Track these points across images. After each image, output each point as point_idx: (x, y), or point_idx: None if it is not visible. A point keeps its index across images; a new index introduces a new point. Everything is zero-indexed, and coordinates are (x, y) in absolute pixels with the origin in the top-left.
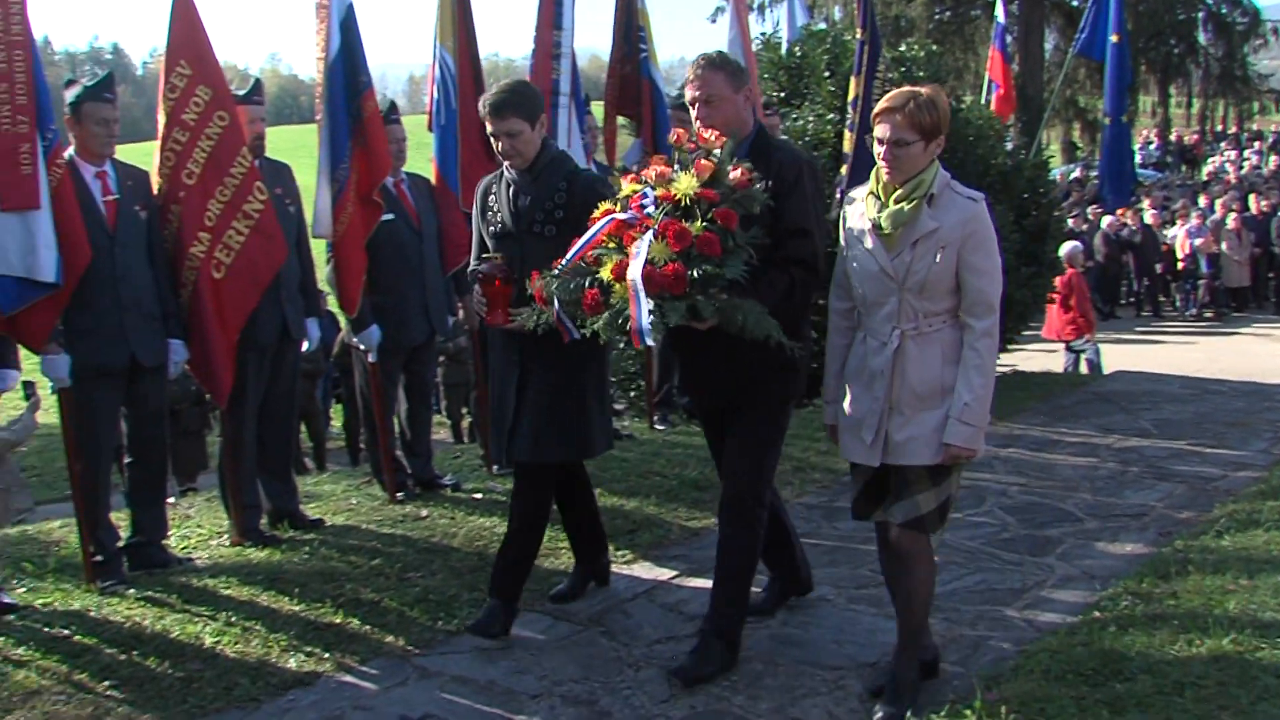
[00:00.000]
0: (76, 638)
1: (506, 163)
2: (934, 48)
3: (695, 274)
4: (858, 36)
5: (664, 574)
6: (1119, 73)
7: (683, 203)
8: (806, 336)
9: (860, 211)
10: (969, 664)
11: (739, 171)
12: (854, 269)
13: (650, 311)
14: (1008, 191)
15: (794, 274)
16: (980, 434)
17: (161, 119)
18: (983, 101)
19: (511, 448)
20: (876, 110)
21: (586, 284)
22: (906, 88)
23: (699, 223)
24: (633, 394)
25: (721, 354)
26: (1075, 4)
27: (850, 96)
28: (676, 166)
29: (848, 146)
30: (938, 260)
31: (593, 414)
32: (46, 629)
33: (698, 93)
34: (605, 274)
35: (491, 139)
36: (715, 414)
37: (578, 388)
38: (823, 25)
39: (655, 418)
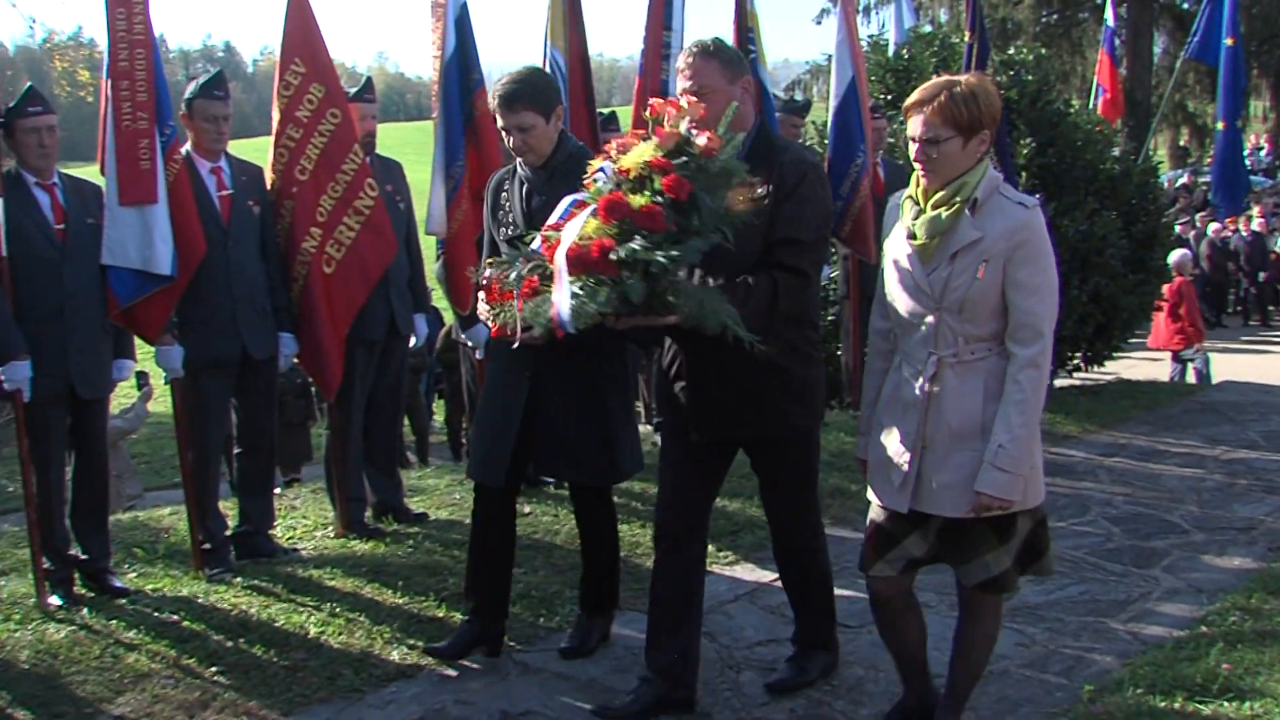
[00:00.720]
0: (185, 623)
1: (519, 159)
2: (1042, 51)
3: (623, 254)
4: (966, 39)
5: (766, 576)
6: (1233, 77)
7: (631, 174)
8: (812, 343)
9: (898, 218)
10: (1072, 675)
11: (705, 138)
12: (890, 284)
13: (573, 295)
14: (1116, 197)
15: (776, 276)
16: (1018, 481)
17: (275, 116)
18: (1089, 106)
19: (538, 468)
20: (906, 104)
21: (526, 271)
22: (943, 77)
23: (643, 195)
24: None
25: (733, 379)
26: (1185, 7)
27: None
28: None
29: None
30: (980, 276)
31: (620, 435)
32: (156, 614)
33: (688, 84)
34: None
35: (503, 134)
36: (706, 444)
37: (601, 407)
38: (929, 27)
39: None
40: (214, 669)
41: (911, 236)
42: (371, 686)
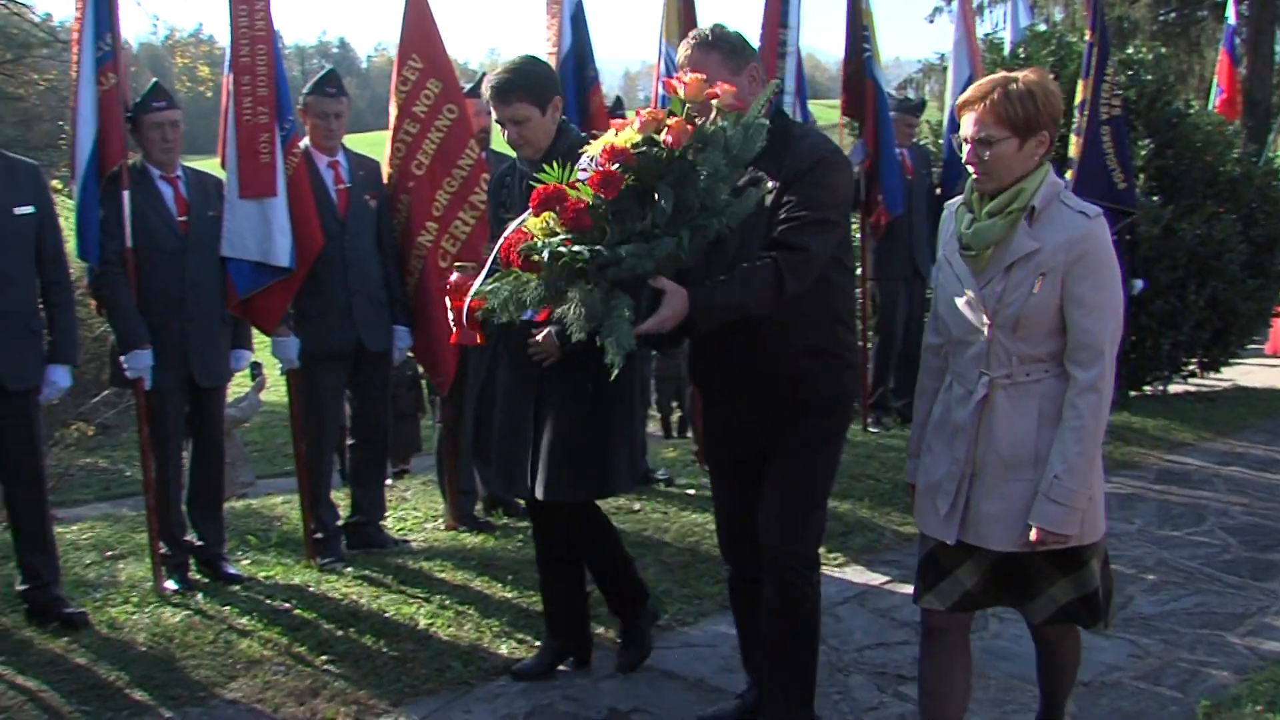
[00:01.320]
0: (296, 611)
1: (517, 154)
2: (1162, 50)
3: (522, 250)
4: (1086, 38)
5: (876, 579)
6: None
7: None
8: (844, 345)
9: (954, 226)
10: (1187, 690)
11: (673, 126)
12: (941, 297)
13: (483, 292)
14: (1236, 200)
15: (777, 255)
16: (1074, 515)
17: (393, 111)
18: (1208, 107)
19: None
20: (959, 101)
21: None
22: (999, 73)
23: (583, 190)
24: None
25: (752, 388)
26: None
27: (1077, 100)
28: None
29: (1073, 152)
30: (1035, 290)
31: (617, 448)
32: (268, 601)
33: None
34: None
35: (498, 126)
36: (736, 464)
37: (602, 419)
38: (1043, 26)
39: (869, 420)
40: (324, 658)
41: (964, 246)
42: (480, 680)
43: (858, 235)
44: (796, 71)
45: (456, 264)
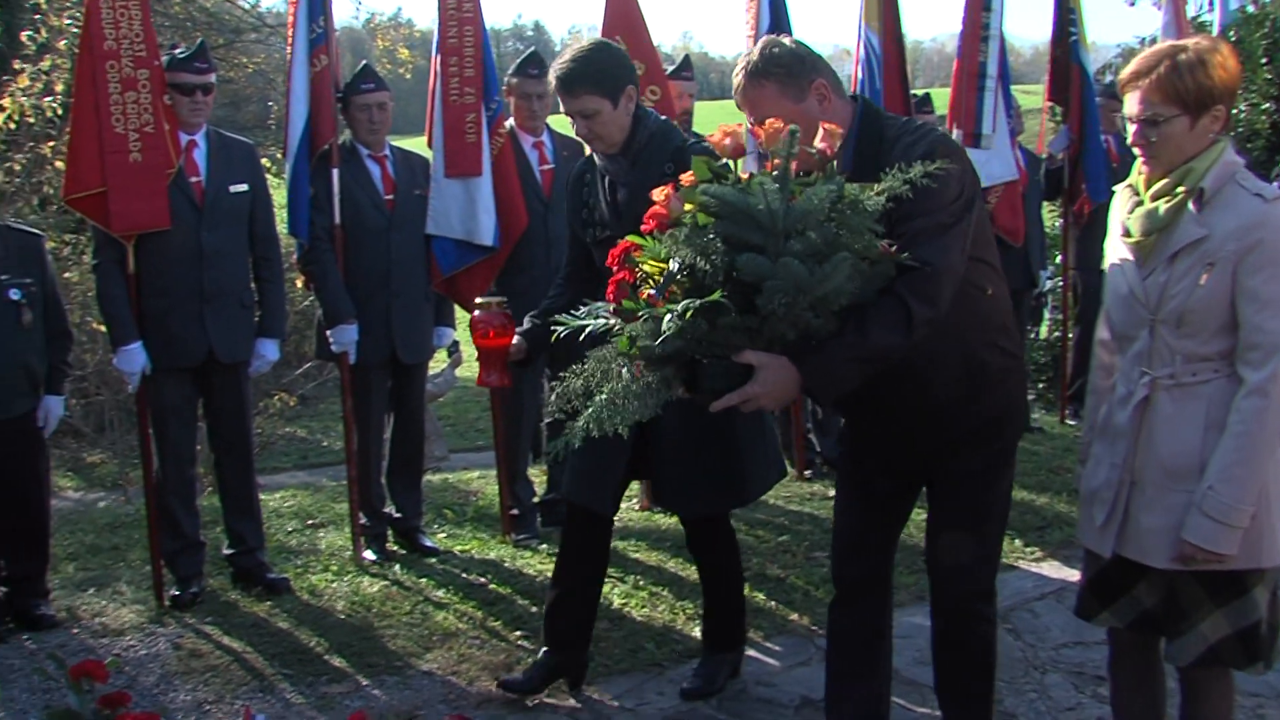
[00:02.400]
0: (491, 586)
1: (590, 148)
2: None
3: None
4: None
5: (1073, 575)
6: None
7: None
8: (1007, 354)
9: (1118, 210)
10: None
11: (672, 197)
12: (1107, 289)
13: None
14: None
15: (899, 288)
16: (1231, 533)
17: None
18: None
19: (656, 501)
20: (1121, 77)
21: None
22: (1165, 43)
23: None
24: (1042, 385)
25: (905, 422)
26: None
27: None
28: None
29: None
30: (1202, 282)
31: (746, 455)
32: (464, 574)
33: (753, 120)
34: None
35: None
36: (872, 477)
37: (727, 427)
38: (1250, 7)
39: (1068, 411)
40: (519, 633)
41: (1126, 234)
42: (672, 662)
43: (1058, 224)
44: (999, 55)
45: (478, 302)
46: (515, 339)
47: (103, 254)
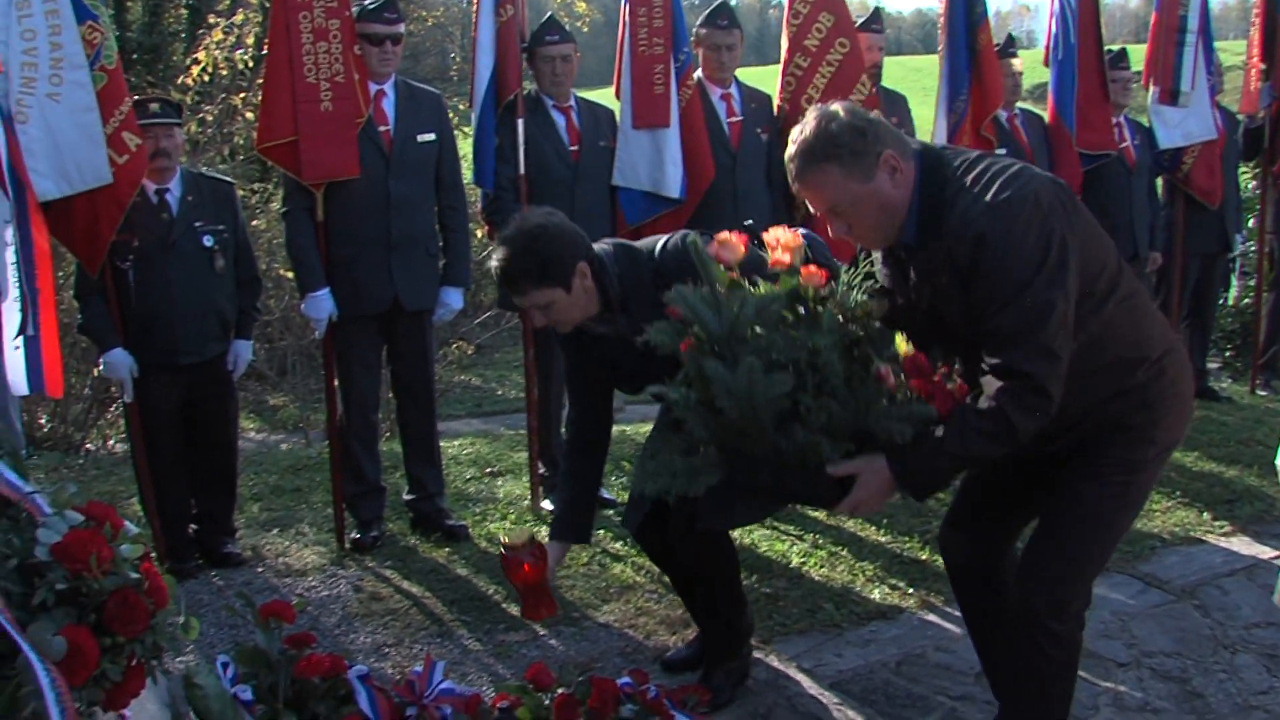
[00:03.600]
0: None
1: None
2: None
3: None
4: None
5: (1265, 552)
6: None
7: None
8: (1156, 370)
9: None
10: None
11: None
12: None
13: None
14: None
15: (999, 396)
16: None
17: (784, 44)
18: None
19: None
20: None
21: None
22: None
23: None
24: (1229, 353)
25: (1039, 446)
26: None
27: None
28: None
29: None
30: None
31: None
32: None
33: (815, 208)
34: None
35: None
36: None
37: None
38: None
39: (1258, 381)
40: None
41: None
42: (851, 623)
43: (1250, 186)
44: (1200, 9)
45: (505, 542)
46: (551, 559)
47: (292, 202)
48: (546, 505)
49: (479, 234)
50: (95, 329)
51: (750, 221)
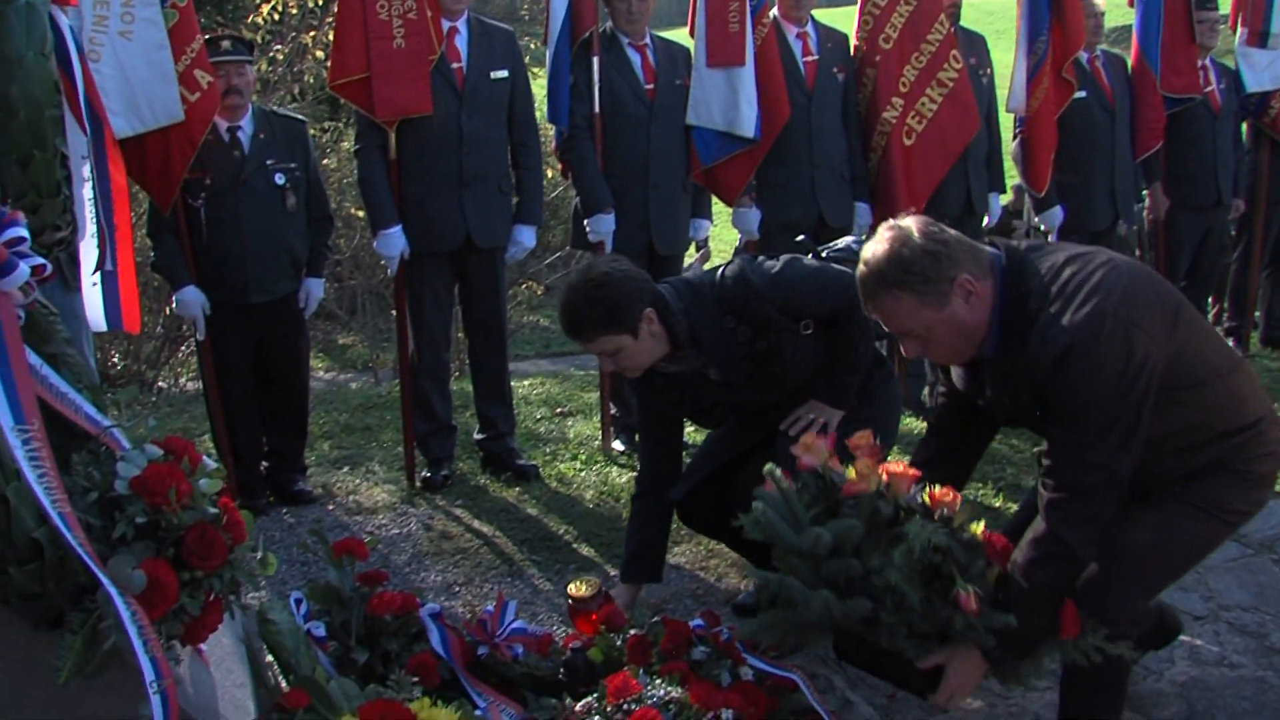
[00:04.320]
0: None
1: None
2: None
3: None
4: None
5: None
6: None
7: None
8: (1239, 449)
9: None
10: None
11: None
12: None
13: None
14: None
15: (1051, 522)
16: None
17: None
18: None
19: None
20: None
21: None
22: None
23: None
24: None
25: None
26: None
27: None
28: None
29: None
30: None
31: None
32: None
33: (887, 328)
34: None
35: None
36: None
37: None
38: None
39: None
40: None
41: None
42: None
43: None
44: None
45: (573, 594)
46: (625, 601)
47: (365, 139)
48: (617, 446)
49: (550, 173)
50: (168, 267)
51: (802, 237)
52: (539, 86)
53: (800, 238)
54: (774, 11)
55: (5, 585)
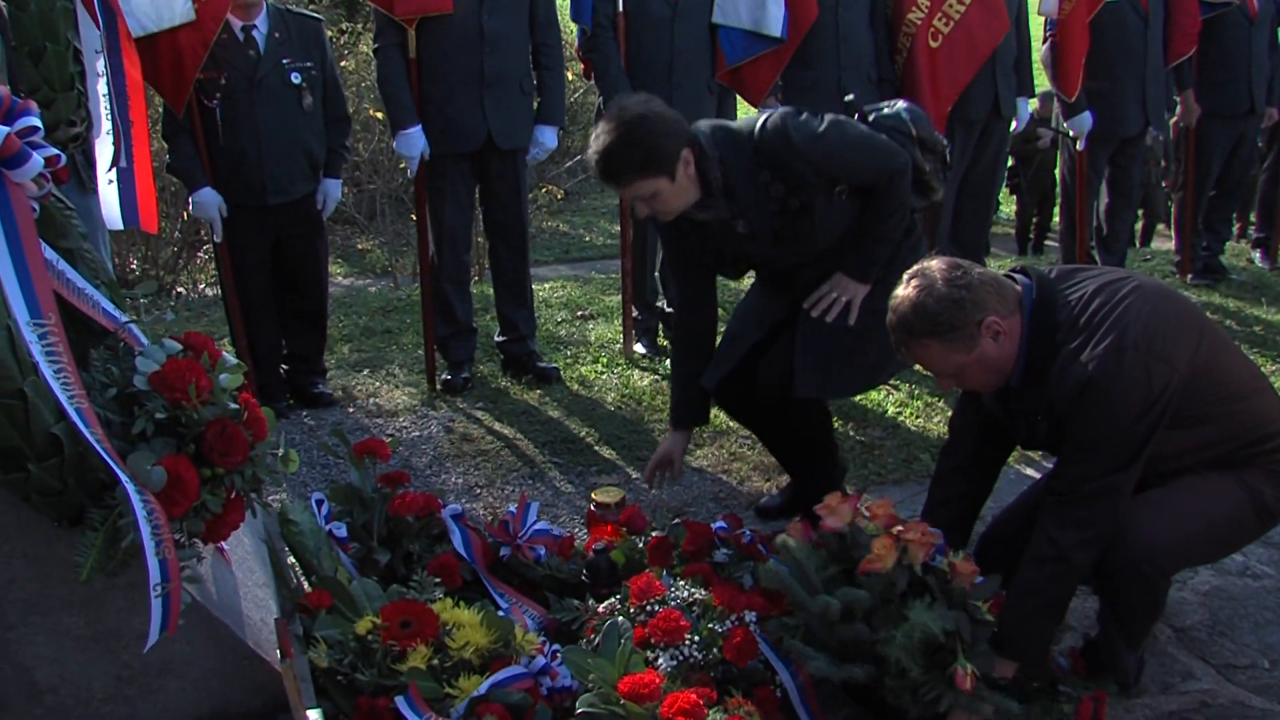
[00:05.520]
0: None
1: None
2: None
3: None
4: None
5: None
6: None
7: None
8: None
9: None
10: None
11: None
12: None
13: None
14: None
15: (1043, 522)
16: None
17: None
18: None
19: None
20: None
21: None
22: None
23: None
24: None
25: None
26: None
27: None
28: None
29: None
30: None
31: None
32: None
33: (939, 379)
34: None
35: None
36: None
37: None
38: None
39: None
40: None
41: None
42: None
43: None
44: None
45: (597, 500)
46: (679, 447)
47: (384, 38)
48: (639, 349)
49: (571, 75)
50: (183, 168)
51: (851, 97)
52: None
53: (850, 97)
54: None
55: (25, 481)
